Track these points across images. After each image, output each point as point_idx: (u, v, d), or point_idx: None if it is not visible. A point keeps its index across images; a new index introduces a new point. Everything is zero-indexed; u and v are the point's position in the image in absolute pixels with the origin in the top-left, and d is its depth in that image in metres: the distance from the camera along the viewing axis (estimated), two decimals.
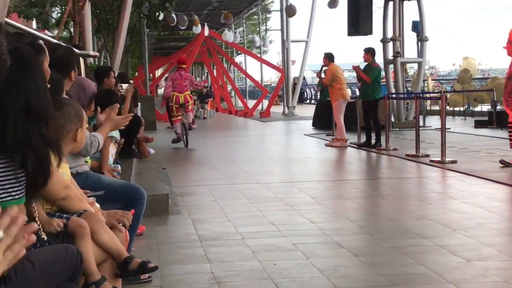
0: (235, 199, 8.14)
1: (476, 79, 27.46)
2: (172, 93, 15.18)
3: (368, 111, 14.36)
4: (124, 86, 9.02)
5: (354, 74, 16.59)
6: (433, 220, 6.55)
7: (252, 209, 7.38)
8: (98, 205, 3.58)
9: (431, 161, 11.23)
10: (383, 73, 16.51)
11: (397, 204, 7.60)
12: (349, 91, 17.16)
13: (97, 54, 15.06)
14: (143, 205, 4.45)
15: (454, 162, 10.94)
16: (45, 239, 2.88)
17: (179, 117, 15.20)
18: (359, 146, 14.43)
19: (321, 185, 9.20)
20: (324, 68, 15.36)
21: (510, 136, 10.72)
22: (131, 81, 12.30)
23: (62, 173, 3.29)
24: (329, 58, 15.04)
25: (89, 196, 3.65)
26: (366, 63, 14.61)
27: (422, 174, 10.39)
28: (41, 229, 2.91)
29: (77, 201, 3.28)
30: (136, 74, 35.83)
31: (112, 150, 6.49)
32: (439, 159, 11.15)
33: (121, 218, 3.44)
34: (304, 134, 18.49)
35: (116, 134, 6.45)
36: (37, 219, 2.87)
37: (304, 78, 41.85)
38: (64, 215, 3.22)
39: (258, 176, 10.15)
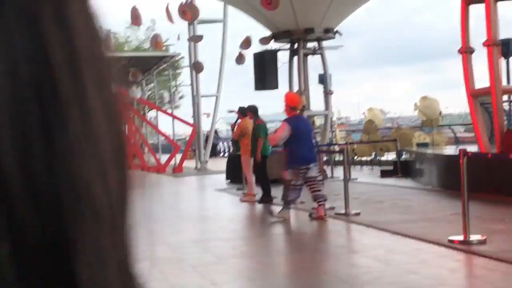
0: (138, 262, 8.08)
1: (382, 129, 28.24)
2: None
3: (258, 167, 14.27)
4: None
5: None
6: (333, 275, 6.68)
7: (154, 272, 7.35)
8: None
9: (336, 214, 11.43)
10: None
11: (300, 260, 7.71)
12: None
13: None
14: None
15: (357, 214, 11.18)
16: None
17: None
18: (258, 201, 14.31)
19: (226, 244, 9.24)
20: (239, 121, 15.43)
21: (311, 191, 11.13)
22: None
23: None
24: (241, 112, 15.06)
25: None
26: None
27: (326, 228, 10.57)
28: None
29: None
30: None
31: None
32: (343, 211, 11.37)
33: None
34: (215, 190, 18.53)
35: None
36: None
37: (216, 132, 42.13)
38: None
39: (166, 236, 10.12)
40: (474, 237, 8.07)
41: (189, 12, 16.88)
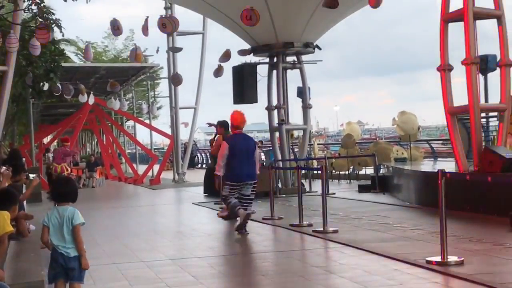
0: (114, 281, 8.00)
1: (360, 142, 28.32)
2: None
3: None
4: (32, 176, 9.03)
5: None
6: None
7: None
8: None
9: (313, 231, 11.39)
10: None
11: (276, 281, 7.65)
12: None
13: None
14: None
15: (335, 231, 11.15)
16: None
17: None
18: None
19: (203, 262, 9.16)
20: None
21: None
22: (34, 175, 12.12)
23: None
24: (223, 126, 14.55)
25: None
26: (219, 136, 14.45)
27: (304, 246, 10.53)
28: None
29: None
30: (23, 143, 35.01)
31: None
32: (321, 229, 11.33)
33: None
34: (193, 203, 18.42)
35: None
36: None
37: (195, 143, 42.07)
38: None
39: (142, 253, 10.02)
40: (451, 258, 8.05)
41: (169, 25, 16.80)
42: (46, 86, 23.19)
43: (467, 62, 13.10)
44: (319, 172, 24.74)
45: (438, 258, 8.07)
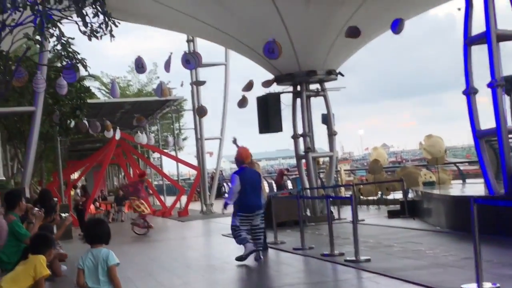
0: None
1: (387, 167, 28.24)
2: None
3: None
4: (64, 215, 9.14)
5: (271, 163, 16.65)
6: None
7: None
8: None
9: (346, 260, 11.35)
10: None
11: None
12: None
13: (4, 178, 14.84)
14: None
15: (368, 260, 11.10)
16: None
17: None
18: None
19: None
20: None
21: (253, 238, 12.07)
22: (67, 214, 12.25)
23: None
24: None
25: None
26: None
27: (337, 277, 10.50)
28: None
29: None
30: (51, 180, 35.29)
31: None
32: (353, 258, 11.29)
33: None
34: (222, 235, 18.41)
35: None
36: None
37: (221, 172, 42.15)
38: None
39: None
40: (487, 284, 8.00)
41: (192, 61, 16.98)
42: (73, 124, 23.48)
43: (492, 85, 13.07)
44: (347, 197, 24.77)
45: (474, 285, 8.02)
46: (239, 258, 12.21)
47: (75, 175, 40.56)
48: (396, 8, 18.11)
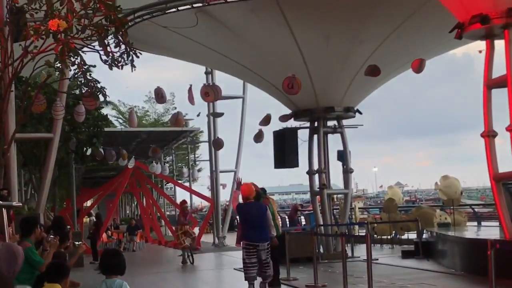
0: None
1: (402, 207, 28.07)
2: None
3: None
4: (77, 243, 9.15)
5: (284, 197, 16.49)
6: None
7: None
8: None
9: None
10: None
11: None
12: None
13: (20, 204, 14.84)
14: None
15: None
16: None
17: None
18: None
19: None
20: None
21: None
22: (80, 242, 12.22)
23: None
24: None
25: None
26: None
27: None
28: None
29: None
30: (64, 205, 35.35)
31: None
32: None
33: None
34: (234, 269, 18.30)
35: None
36: None
37: None
38: None
39: None
40: None
41: (211, 93, 17.04)
42: (89, 151, 23.55)
43: (511, 129, 13.00)
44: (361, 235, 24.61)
45: None
46: None
47: (88, 203, 40.65)
48: (415, 48, 18.14)
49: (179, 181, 39.43)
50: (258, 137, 21.81)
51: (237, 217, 44.29)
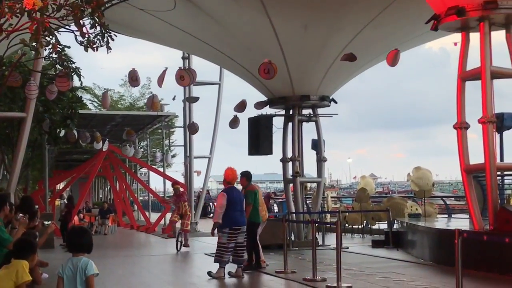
0: None
1: (374, 197, 28.26)
2: None
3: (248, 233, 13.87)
4: (46, 223, 9.09)
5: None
6: None
7: None
8: None
9: (327, 286, 11.32)
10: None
11: None
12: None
13: None
14: None
15: (349, 287, 11.07)
16: None
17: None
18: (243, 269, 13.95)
19: None
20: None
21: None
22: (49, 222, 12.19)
23: None
24: (246, 177, 14.58)
25: None
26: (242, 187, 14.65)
27: None
28: None
29: None
30: (36, 188, 35.13)
31: None
32: (335, 284, 11.25)
33: None
34: (205, 254, 18.31)
35: None
36: None
37: (208, 192, 42.05)
38: None
39: None
40: None
41: (186, 77, 16.96)
42: (62, 133, 23.37)
43: (484, 121, 13.12)
44: (333, 225, 24.74)
45: None
46: (209, 273, 13.06)
47: (60, 185, 40.41)
48: (392, 39, 18.22)
49: (153, 166, 39.27)
50: (234, 123, 21.79)
51: (212, 203, 44.41)
